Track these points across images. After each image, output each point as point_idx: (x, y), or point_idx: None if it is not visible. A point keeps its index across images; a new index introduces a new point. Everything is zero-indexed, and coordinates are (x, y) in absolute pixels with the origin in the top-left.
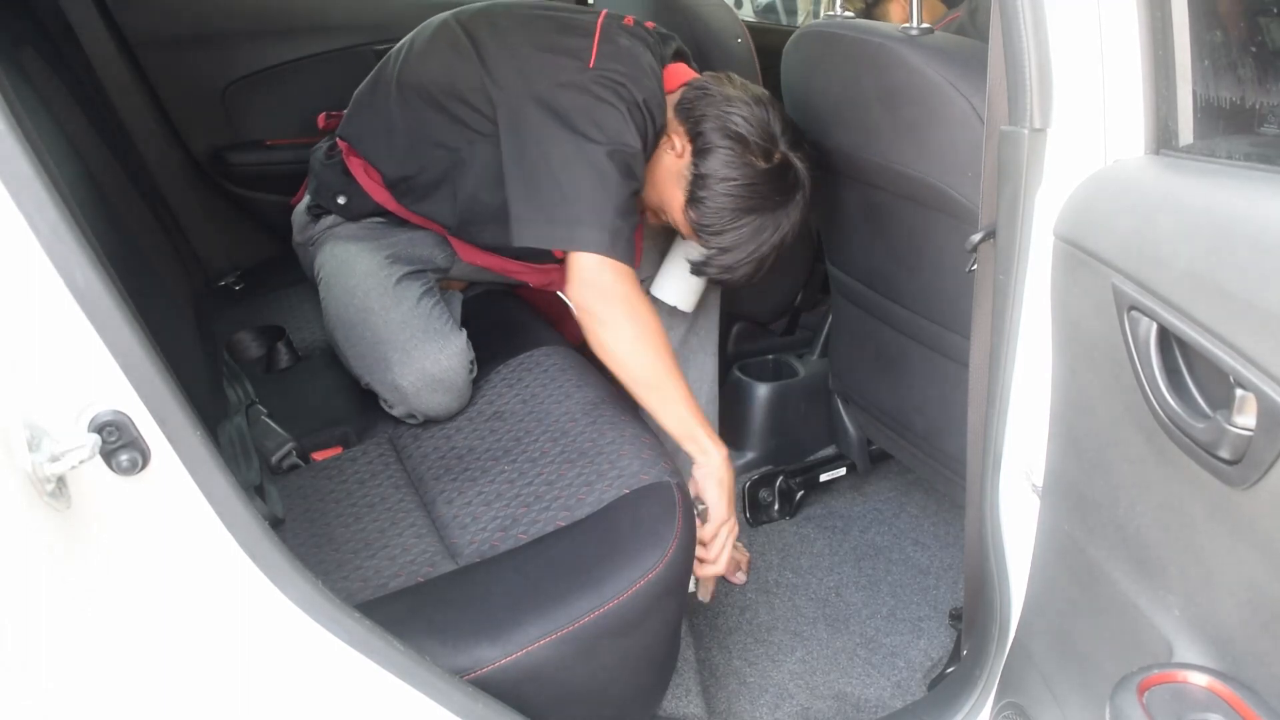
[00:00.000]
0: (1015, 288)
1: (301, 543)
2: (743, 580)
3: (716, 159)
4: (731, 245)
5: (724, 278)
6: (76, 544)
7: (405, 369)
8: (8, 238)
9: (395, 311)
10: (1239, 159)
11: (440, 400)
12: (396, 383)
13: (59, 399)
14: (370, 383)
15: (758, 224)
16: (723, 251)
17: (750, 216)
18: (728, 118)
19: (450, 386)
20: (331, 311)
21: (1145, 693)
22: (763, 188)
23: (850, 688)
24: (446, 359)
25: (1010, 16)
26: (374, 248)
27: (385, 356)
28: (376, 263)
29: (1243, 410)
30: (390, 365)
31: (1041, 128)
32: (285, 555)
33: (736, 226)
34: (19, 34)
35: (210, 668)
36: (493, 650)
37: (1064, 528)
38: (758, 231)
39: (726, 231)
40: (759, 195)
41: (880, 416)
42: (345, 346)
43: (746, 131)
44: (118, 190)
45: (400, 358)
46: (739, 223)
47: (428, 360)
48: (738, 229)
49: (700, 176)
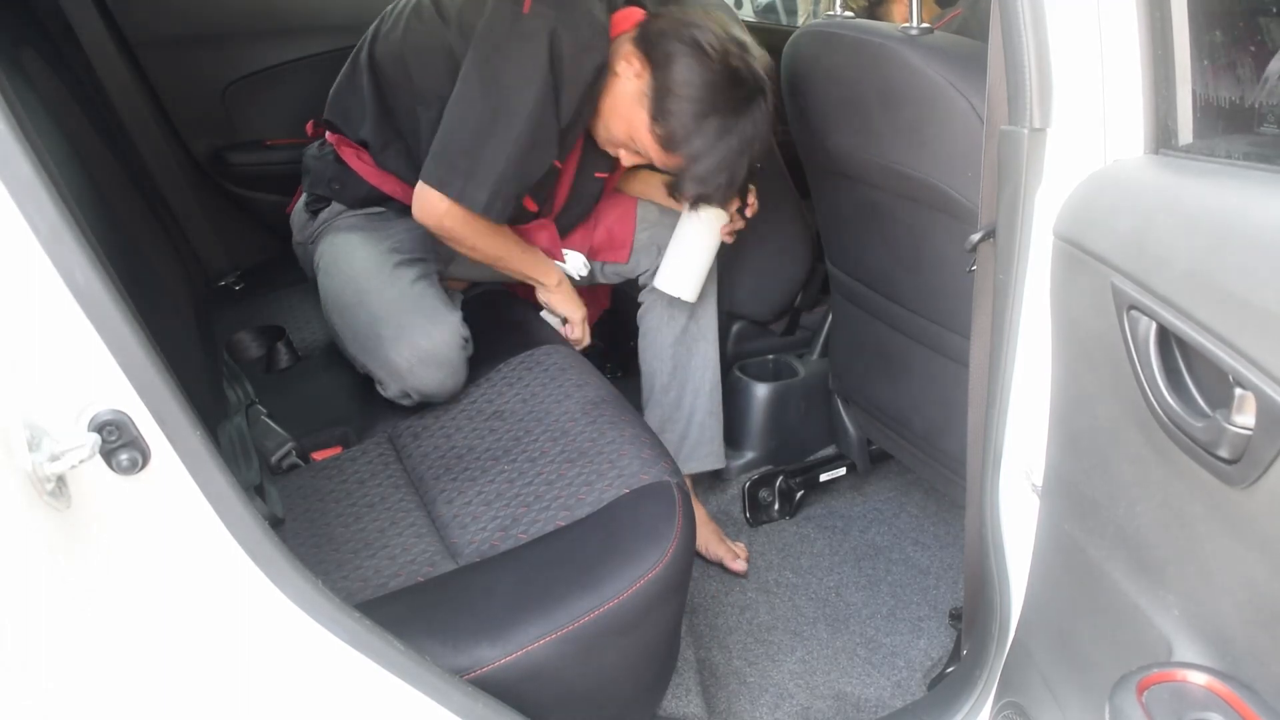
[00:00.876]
0: (1015, 287)
1: (301, 543)
2: (743, 568)
3: (676, 67)
4: (700, 152)
5: (700, 192)
6: (76, 543)
7: (399, 344)
8: (8, 238)
9: (390, 290)
10: (1238, 158)
11: (434, 376)
12: (390, 358)
13: (59, 398)
14: (366, 363)
15: (720, 125)
16: (692, 160)
17: (714, 118)
18: (683, 30)
19: (444, 362)
20: (330, 297)
21: (1145, 692)
22: (723, 88)
23: (850, 688)
24: (440, 334)
25: (1010, 16)
26: (374, 238)
27: (379, 334)
28: (375, 250)
29: (1242, 409)
30: (383, 341)
31: (1041, 127)
32: (285, 555)
33: (701, 130)
34: (19, 34)
35: (210, 667)
36: (493, 650)
37: (1064, 527)
38: (722, 134)
39: (693, 137)
40: (720, 95)
41: (880, 416)
42: (342, 329)
43: (702, 38)
44: (118, 190)
45: (394, 334)
46: (703, 126)
47: (420, 335)
48: (703, 133)
49: (661, 89)
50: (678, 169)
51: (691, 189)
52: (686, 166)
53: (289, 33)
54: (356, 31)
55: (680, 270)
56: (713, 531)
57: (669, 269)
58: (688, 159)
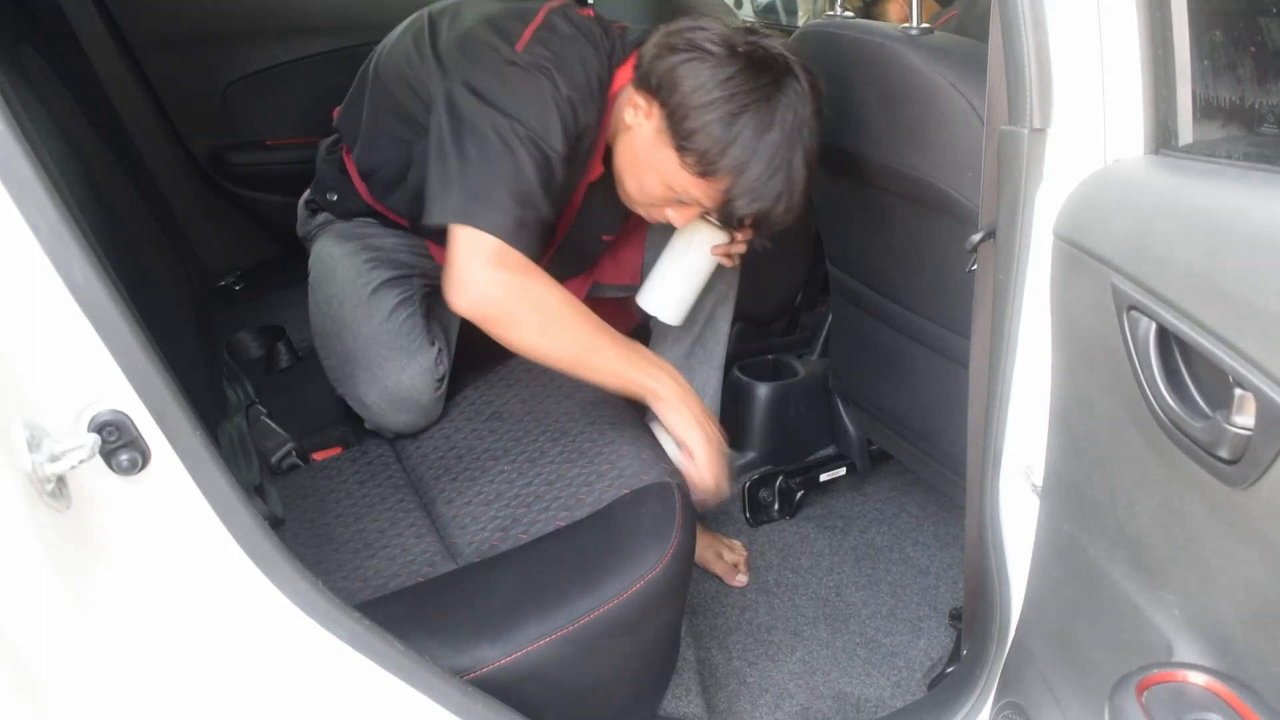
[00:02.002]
0: (1015, 288)
1: (301, 543)
2: (743, 582)
3: (682, 81)
4: (742, 161)
5: (760, 209)
6: (76, 544)
7: (370, 387)
8: (8, 238)
9: (365, 325)
10: (1238, 159)
11: (404, 419)
12: (362, 399)
13: (59, 399)
14: (343, 395)
15: (755, 121)
16: (739, 172)
17: (744, 117)
18: (675, 39)
19: (414, 405)
20: (313, 319)
21: (1144, 692)
22: (743, 80)
23: (850, 688)
24: (409, 378)
25: (1010, 16)
26: (358, 249)
27: (352, 374)
28: (356, 270)
29: (1242, 410)
30: (356, 382)
31: (1041, 127)
32: (285, 555)
33: (735, 136)
34: (19, 33)
35: (210, 667)
36: (492, 650)
37: (1064, 527)
38: (760, 131)
39: (730, 148)
40: (741, 90)
41: (880, 416)
42: (322, 356)
43: (699, 38)
44: (118, 190)
45: (365, 376)
46: (734, 129)
47: (389, 379)
48: (737, 137)
49: (676, 112)
50: (728, 191)
51: (747, 206)
52: (734, 183)
53: (289, 33)
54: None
55: (661, 288)
56: (708, 545)
57: (651, 285)
58: (733, 173)
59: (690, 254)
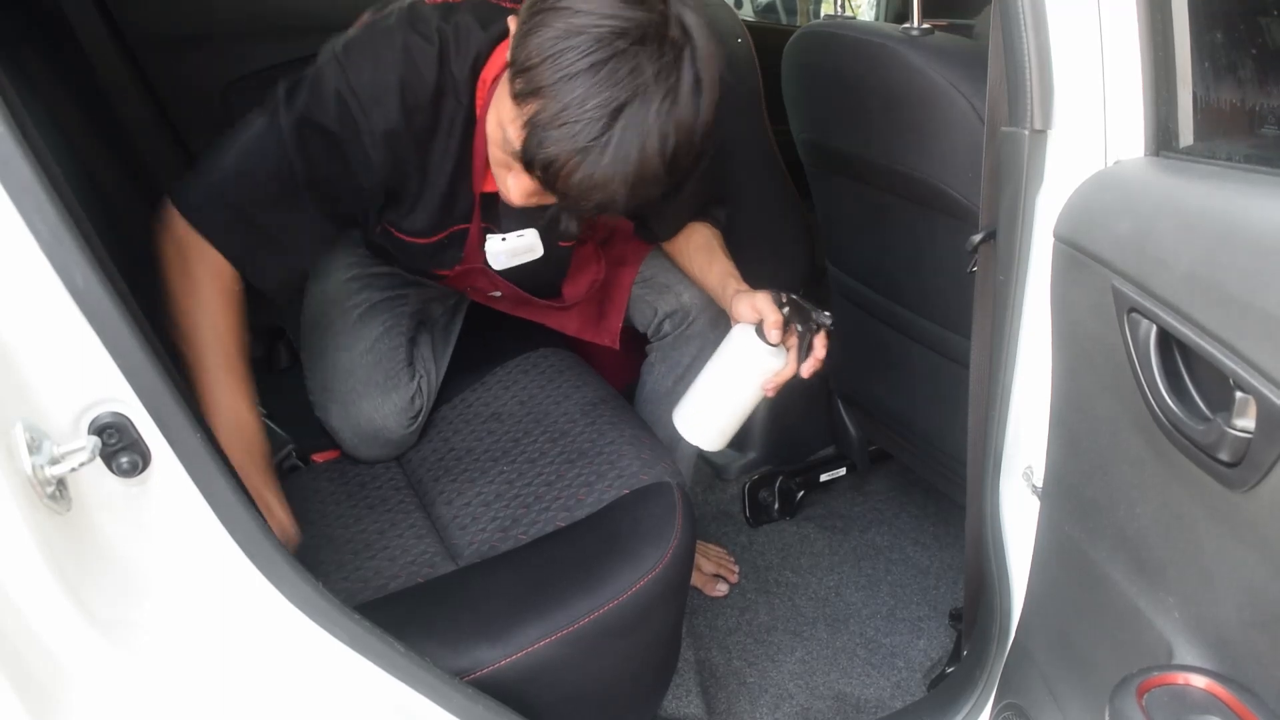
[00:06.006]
0: (1015, 289)
1: (301, 544)
2: (724, 591)
3: (530, 37)
4: (561, 76)
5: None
6: (77, 546)
7: (343, 421)
8: (8, 238)
9: (345, 354)
10: (1239, 161)
11: (375, 452)
12: (334, 429)
13: (59, 401)
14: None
15: (594, 46)
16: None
17: (583, 36)
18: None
19: (385, 442)
20: (302, 333)
21: (1145, 694)
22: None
23: (850, 688)
24: (381, 417)
25: (1010, 17)
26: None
27: (326, 405)
28: (345, 291)
29: (1242, 413)
30: (330, 414)
31: (1042, 129)
32: (285, 557)
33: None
34: (19, 32)
35: (210, 669)
36: (493, 651)
37: (1064, 529)
38: (600, 60)
39: (553, 59)
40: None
41: (880, 416)
42: (306, 373)
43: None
44: (118, 190)
45: (339, 410)
46: (567, 42)
47: (362, 417)
48: (564, 52)
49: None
50: (535, 117)
51: (554, 146)
52: (544, 106)
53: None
54: None
55: (701, 414)
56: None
57: (690, 407)
58: (549, 95)
59: (741, 390)
